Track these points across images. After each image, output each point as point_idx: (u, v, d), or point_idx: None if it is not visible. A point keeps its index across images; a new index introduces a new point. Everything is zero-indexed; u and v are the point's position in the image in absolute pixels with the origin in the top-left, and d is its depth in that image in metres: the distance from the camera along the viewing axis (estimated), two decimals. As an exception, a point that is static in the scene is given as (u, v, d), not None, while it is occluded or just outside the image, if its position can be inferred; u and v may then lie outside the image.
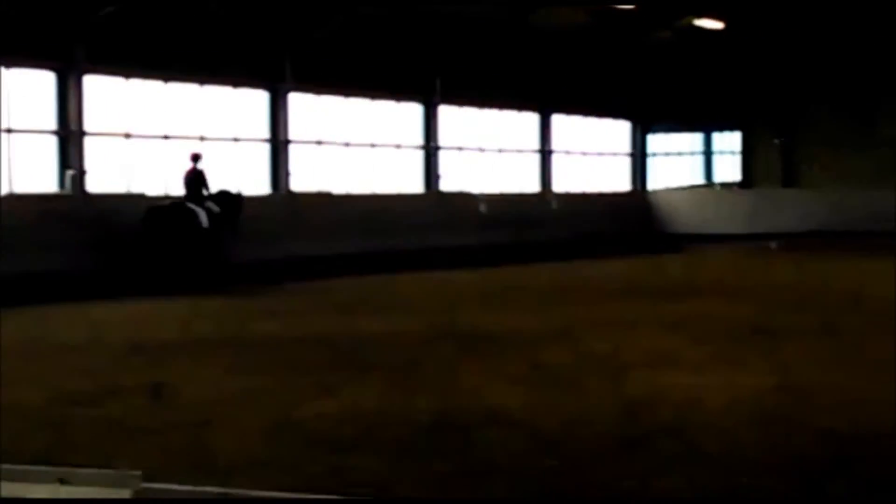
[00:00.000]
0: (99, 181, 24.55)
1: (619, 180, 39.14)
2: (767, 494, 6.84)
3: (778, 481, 7.07)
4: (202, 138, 26.22)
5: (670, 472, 7.28)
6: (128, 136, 25.35)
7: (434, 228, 29.51)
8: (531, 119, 35.23)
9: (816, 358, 11.96)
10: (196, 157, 23.48)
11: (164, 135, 25.80)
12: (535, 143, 35.48)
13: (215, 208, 23.24)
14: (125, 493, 5.31)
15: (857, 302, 17.85)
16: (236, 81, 26.49)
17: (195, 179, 23.26)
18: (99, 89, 24.60)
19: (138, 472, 5.43)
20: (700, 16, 35.12)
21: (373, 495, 6.69)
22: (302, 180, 27.91)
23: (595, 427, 8.69)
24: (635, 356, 12.20)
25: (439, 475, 7.26)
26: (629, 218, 37.96)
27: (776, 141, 38.16)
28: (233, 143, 26.94)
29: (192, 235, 22.35)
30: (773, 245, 34.48)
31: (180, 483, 5.95)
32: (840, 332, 14.05)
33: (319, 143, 28.53)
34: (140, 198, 24.11)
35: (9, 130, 23.02)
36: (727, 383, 10.43)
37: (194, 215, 22.62)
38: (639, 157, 39.75)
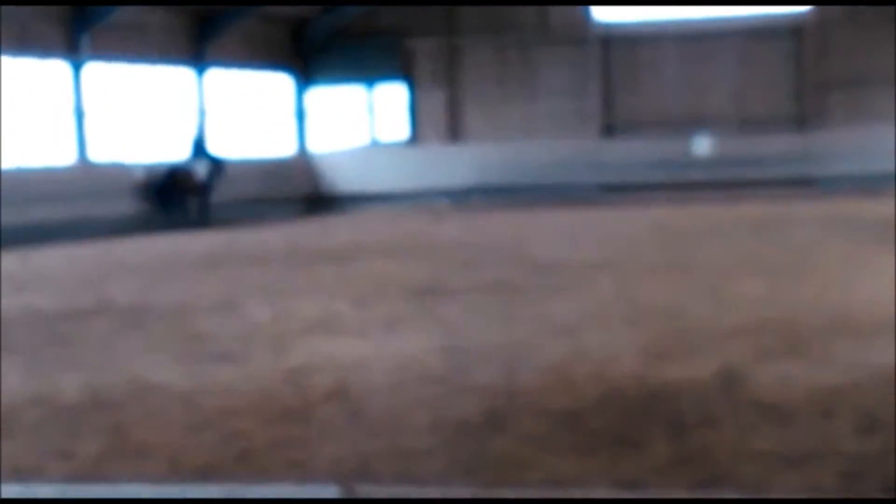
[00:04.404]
0: None
1: (281, 140, 38.23)
2: (427, 453, 6.78)
3: (438, 440, 7.04)
4: None
5: (333, 440, 7.12)
6: None
7: (81, 198, 28.06)
8: (186, 74, 33.49)
9: (483, 316, 12.01)
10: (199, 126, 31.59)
11: None
12: (193, 102, 33.83)
13: (209, 166, 30.14)
14: None
15: (522, 258, 18.08)
16: None
17: (197, 143, 30.59)
18: None
19: None
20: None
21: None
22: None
23: (254, 398, 8.41)
24: (297, 323, 11.98)
25: (88, 457, 6.86)
26: (292, 180, 37.39)
27: (440, 94, 38.10)
28: None
29: (192, 187, 29.79)
30: (440, 202, 34.90)
31: None
32: (506, 290, 14.18)
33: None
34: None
35: None
36: (391, 346, 10.34)
37: (194, 172, 29.84)
38: (300, 115, 39.00)
